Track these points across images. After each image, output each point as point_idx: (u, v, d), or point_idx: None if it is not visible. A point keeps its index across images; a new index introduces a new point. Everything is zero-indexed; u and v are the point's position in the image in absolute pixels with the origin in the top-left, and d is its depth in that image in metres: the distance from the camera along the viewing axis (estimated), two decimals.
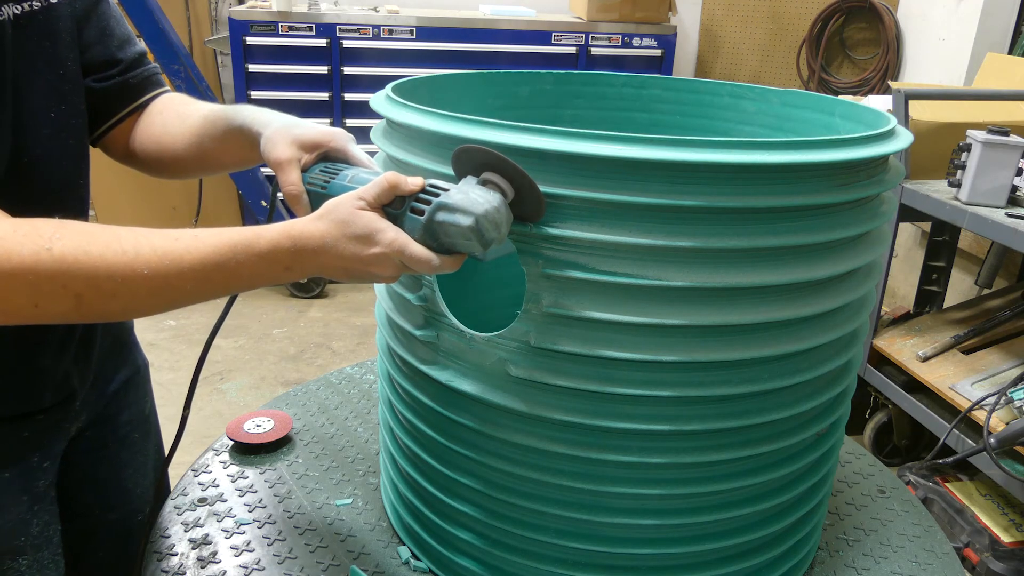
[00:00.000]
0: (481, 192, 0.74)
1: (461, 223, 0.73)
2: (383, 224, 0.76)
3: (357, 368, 1.52)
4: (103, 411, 1.09)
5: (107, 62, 1.00)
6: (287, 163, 0.89)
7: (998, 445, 1.92)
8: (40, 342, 0.94)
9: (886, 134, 0.83)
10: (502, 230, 0.74)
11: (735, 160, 0.71)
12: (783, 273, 0.78)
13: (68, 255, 0.69)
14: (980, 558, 2.02)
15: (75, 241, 0.70)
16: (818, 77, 4.53)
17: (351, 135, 0.95)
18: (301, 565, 1.00)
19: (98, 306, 0.73)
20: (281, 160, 0.90)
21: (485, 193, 0.74)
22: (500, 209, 0.73)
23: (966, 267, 3.09)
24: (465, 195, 0.74)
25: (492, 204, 0.73)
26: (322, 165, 0.91)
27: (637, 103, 1.24)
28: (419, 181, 0.77)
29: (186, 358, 3.30)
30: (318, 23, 3.70)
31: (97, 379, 1.07)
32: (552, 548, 0.90)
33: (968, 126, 2.22)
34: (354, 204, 0.76)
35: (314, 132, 0.92)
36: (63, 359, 0.97)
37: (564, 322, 0.79)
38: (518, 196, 0.75)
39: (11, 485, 0.93)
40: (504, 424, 0.86)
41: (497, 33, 3.92)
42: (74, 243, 0.70)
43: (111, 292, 0.72)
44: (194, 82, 3.50)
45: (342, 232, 0.75)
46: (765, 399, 0.85)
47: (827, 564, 1.06)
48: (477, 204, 0.72)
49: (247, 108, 0.99)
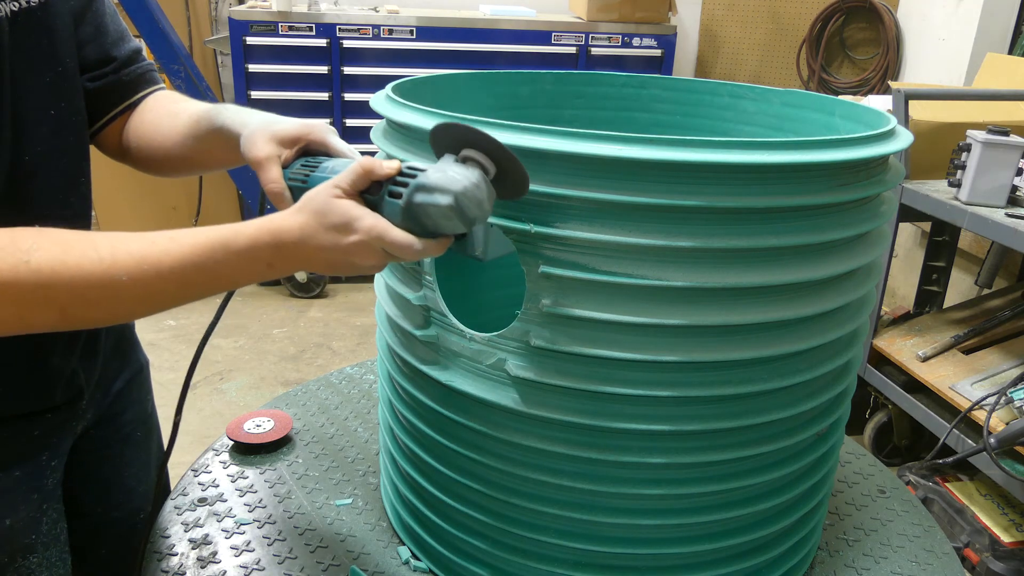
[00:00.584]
0: (459, 169, 0.72)
1: (440, 202, 0.70)
2: (360, 211, 0.74)
3: (357, 368, 1.52)
4: (107, 410, 1.10)
5: (101, 60, 1.00)
6: (266, 161, 0.88)
7: (998, 445, 1.92)
8: (49, 341, 0.94)
9: (886, 134, 0.83)
10: (484, 207, 0.72)
11: (735, 160, 0.71)
12: (783, 273, 0.78)
13: (45, 267, 0.69)
14: (980, 558, 2.02)
15: (51, 252, 0.70)
16: (818, 77, 4.53)
17: (331, 127, 0.93)
18: (301, 565, 1.00)
19: (83, 314, 0.73)
20: (260, 158, 0.88)
21: (464, 170, 0.71)
22: (480, 185, 0.71)
23: (966, 267, 3.09)
24: (443, 173, 0.71)
25: (471, 181, 0.71)
26: (303, 160, 0.90)
27: (637, 103, 1.24)
28: (395, 164, 0.76)
29: (186, 358, 3.29)
30: (318, 23, 3.70)
31: (102, 378, 1.07)
32: (552, 548, 0.90)
33: (968, 126, 2.22)
34: (330, 193, 0.75)
35: (292, 127, 0.91)
36: (71, 358, 0.98)
37: (564, 322, 0.79)
38: (500, 172, 0.73)
39: (21, 484, 0.94)
40: (504, 424, 0.86)
41: (497, 33, 3.92)
42: (51, 255, 0.70)
43: (94, 300, 0.72)
44: (194, 82, 3.50)
45: (320, 223, 0.74)
46: (765, 399, 0.85)
47: (827, 564, 1.06)
48: (456, 182, 0.70)
49: (229, 109, 0.98)
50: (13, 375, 0.92)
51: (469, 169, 0.72)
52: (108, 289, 0.71)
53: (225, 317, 1.00)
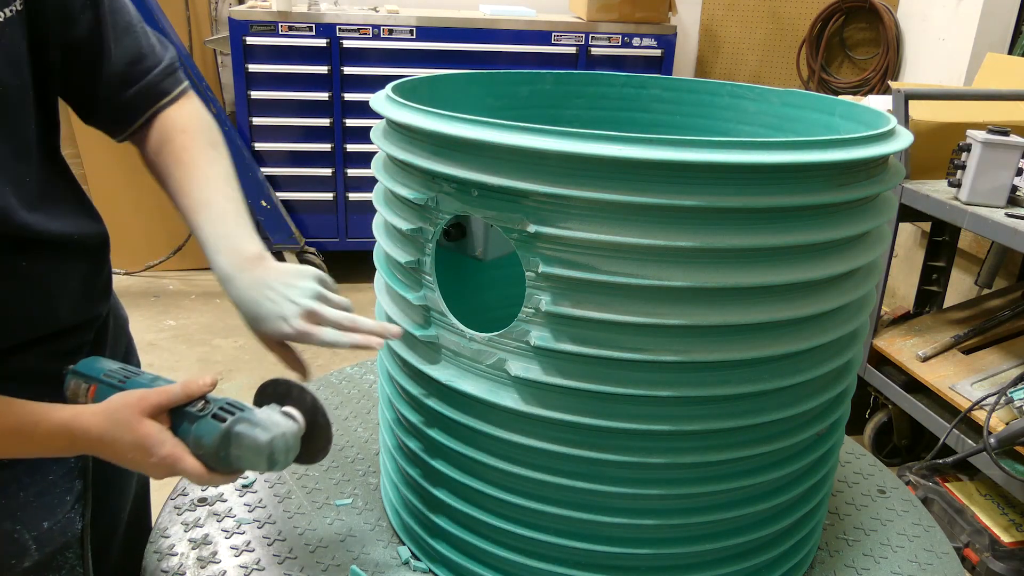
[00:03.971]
0: (281, 419, 0.81)
1: (259, 438, 0.78)
2: (161, 437, 0.79)
3: (357, 368, 1.52)
4: None
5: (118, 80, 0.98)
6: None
7: (998, 445, 1.92)
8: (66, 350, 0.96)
9: (886, 134, 0.83)
10: (289, 457, 0.81)
11: (735, 160, 0.71)
12: (783, 273, 0.78)
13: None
14: (980, 558, 2.02)
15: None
16: (818, 77, 4.53)
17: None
18: (301, 565, 1.00)
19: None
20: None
21: (284, 421, 0.81)
22: (294, 437, 0.81)
23: (966, 267, 3.09)
24: (268, 416, 0.81)
25: (291, 430, 0.81)
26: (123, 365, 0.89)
27: (637, 103, 1.24)
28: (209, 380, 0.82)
29: (186, 358, 3.30)
30: (318, 23, 3.69)
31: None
32: (552, 548, 0.90)
33: (968, 126, 2.21)
34: (138, 409, 0.79)
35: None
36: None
37: (564, 322, 0.79)
38: (308, 434, 0.84)
39: (55, 487, 0.97)
40: (504, 424, 0.86)
41: (497, 33, 3.92)
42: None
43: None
44: (194, 82, 3.49)
45: (120, 435, 0.79)
46: (765, 399, 0.85)
47: (827, 564, 1.06)
48: (277, 426, 0.80)
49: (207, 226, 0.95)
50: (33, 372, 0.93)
51: (289, 420, 0.82)
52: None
53: (226, 317, 1.00)
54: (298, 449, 0.82)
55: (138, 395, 0.80)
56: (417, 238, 0.88)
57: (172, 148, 1.01)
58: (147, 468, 0.80)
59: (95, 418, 0.80)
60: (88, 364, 0.89)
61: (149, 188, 3.76)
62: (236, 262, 0.92)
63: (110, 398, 0.81)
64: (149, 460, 0.79)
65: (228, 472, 0.82)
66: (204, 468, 0.79)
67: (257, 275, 0.91)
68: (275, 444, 0.79)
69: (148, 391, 0.81)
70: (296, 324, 0.88)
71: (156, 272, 4.06)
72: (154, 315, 3.65)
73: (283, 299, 0.89)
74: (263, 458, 0.78)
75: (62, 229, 0.93)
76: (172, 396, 0.80)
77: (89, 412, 0.80)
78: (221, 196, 0.98)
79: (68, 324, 0.96)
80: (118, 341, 1.12)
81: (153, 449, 0.78)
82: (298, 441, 0.82)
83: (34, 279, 0.91)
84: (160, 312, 3.69)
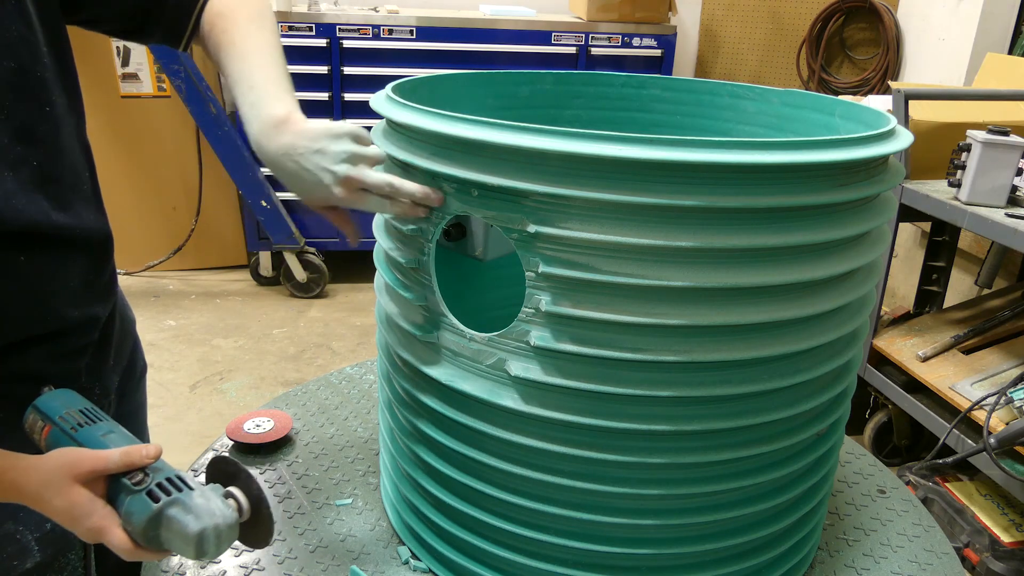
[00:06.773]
0: (220, 505, 0.76)
1: (188, 527, 0.74)
2: (90, 508, 0.76)
3: (357, 368, 1.52)
4: (116, 413, 1.10)
5: None
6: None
7: (998, 445, 1.92)
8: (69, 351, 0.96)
9: (886, 134, 0.83)
10: (221, 547, 0.76)
11: (735, 160, 0.71)
12: (783, 273, 0.78)
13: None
14: (980, 558, 2.02)
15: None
16: (818, 77, 4.53)
17: None
18: (301, 565, 1.00)
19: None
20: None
21: (223, 507, 0.76)
22: (229, 527, 0.76)
23: (966, 267, 3.09)
24: (205, 502, 0.75)
25: (225, 520, 0.75)
26: (84, 407, 0.85)
27: (637, 103, 1.24)
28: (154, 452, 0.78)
29: (186, 358, 3.30)
30: (318, 23, 3.69)
31: (108, 382, 1.08)
32: (552, 548, 0.90)
33: (968, 126, 2.21)
34: (71, 473, 0.76)
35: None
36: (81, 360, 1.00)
37: (564, 322, 0.79)
38: (252, 520, 0.79)
39: None
40: (504, 424, 0.86)
41: (497, 33, 3.92)
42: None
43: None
44: (194, 82, 3.50)
45: (50, 498, 0.76)
46: (765, 399, 0.85)
47: (827, 564, 1.06)
48: (212, 516, 0.74)
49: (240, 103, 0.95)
50: (33, 373, 0.93)
51: (228, 508, 0.76)
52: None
53: (226, 317, 1.00)
54: (233, 539, 0.77)
55: (73, 458, 0.77)
56: (417, 238, 0.88)
57: (215, 35, 1.01)
58: (77, 532, 0.78)
59: (28, 475, 0.77)
60: (50, 400, 0.85)
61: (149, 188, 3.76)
62: (263, 130, 0.90)
63: (48, 455, 0.78)
64: (78, 528, 0.77)
65: (156, 551, 0.77)
66: (132, 543, 0.76)
67: (285, 141, 0.88)
68: (205, 535, 0.74)
69: (84, 455, 0.77)
70: (337, 192, 0.86)
71: (156, 272, 4.07)
72: (154, 315, 3.65)
73: (318, 168, 0.86)
74: (191, 546, 0.74)
75: (64, 221, 0.90)
76: (109, 463, 0.77)
77: (24, 466, 0.78)
78: (253, 66, 0.97)
79: (69, 324, 0.95)
80: (124, 342, 1.12)
81: (80, 520, 0.76)
82: (234, 531, 0.77)
83: (32, 274, 0.89)
84: (160, 312, 3.69)
